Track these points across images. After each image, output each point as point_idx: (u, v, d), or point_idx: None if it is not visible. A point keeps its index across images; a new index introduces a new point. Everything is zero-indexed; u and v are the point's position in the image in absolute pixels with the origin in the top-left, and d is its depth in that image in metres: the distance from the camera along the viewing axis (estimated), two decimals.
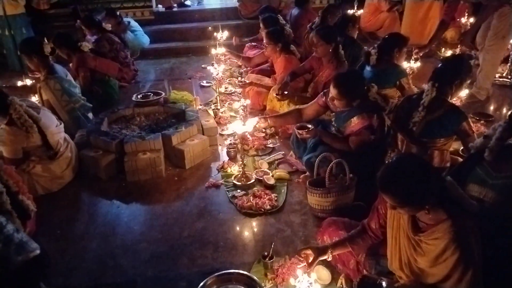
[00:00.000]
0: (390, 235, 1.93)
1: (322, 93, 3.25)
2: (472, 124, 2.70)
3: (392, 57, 3.62)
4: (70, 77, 4.20)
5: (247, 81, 4.68)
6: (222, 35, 5.73)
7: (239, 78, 5.39)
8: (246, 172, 3.26)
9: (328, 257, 2.10)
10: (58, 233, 2.79)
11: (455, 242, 1.63)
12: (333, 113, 3.18)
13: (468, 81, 2.73)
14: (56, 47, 4.19)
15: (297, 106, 3.60)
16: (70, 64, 4.88)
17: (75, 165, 3.42)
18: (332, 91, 2.89)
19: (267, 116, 3.57)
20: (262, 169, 3.38)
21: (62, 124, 3.39)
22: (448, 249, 1.65)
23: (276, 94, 3.92)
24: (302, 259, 2.12)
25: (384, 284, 1.84)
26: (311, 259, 2.08)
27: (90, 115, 4.25)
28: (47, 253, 2.13)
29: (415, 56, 4.38)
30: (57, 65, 4.10)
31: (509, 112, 1.98)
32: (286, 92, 3.95)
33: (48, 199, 3.15)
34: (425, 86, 2.68)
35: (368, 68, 3.68)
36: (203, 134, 3.77)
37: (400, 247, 1.87)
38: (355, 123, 2.88)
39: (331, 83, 2.90)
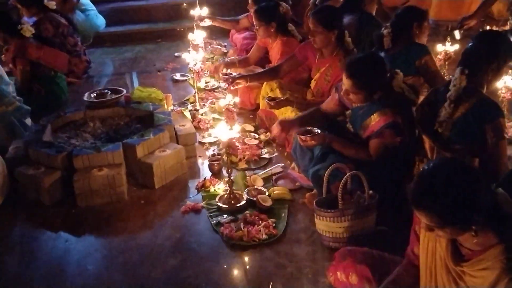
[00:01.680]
0: (424, 265, 1.93)
1: (334, 88, 3.26)
2: (506, 125, 2.67)
3: (411, 35, 3.67)
4: (1, 71, 4.18)
5: (234, 73, 4.70)
6: (201, 12, 5.76)
7: (224, 70, 5.43)
8: (234, 191, 3.27)
9: None
10: None
11: (509, 273, 1.63)
12: (349, 112, 3.20)
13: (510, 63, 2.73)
14: None
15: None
16: (3, 55, 4.88)
17: (5, 185, 3.40)
18: (346, 83, 2.90)
19: (285, 120, 3.45)
20: (255, 187, 3.39)
21: None
22: (500, 282, 1.65)
23: (268, 101, 3.87)
24: None
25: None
26: None
27: (28, 121, 4.25)
28: None
29: (462, 32, 4.37)
30: None
31: None
32: (281, 99, 3.88)
33: None
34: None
35: (381, 55, 3.71)
36: (177, 143, 3.78)
37: (436, 281, 1.88)
38: (376, 120, 2.88)
39: (344, 73, 2.91)
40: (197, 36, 5.28)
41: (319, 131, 3.04)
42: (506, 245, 1.67)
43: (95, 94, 4.20)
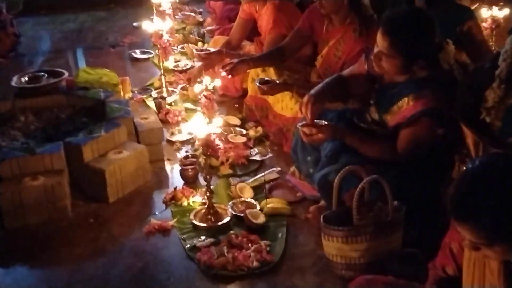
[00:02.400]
0: None
1: (363, 55, 3.26)
2: None
3: None
4: None
5: (213, 49, 4.71)
6: None
7: (200, 44, 5.43)
8: (215, 205, 3.28)
9: None
10: None
11: None
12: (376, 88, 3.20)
13: None
14: None
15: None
16: None
17: None
18: (381, 43, 2.89)
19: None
20: (243, 199, 3.40)
21: None
22: None
23: (260, 84, 3.88)
24: None
25: None
26: None
27: None
28: None
29: None
30: None
31: None
32: (277, 82, 3.93)
33: None
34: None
35: None
36: (138, 142, 3.80)
37: None
38: (410, 105, 2.88)
39: (380, 29, 2.92)
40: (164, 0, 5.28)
41: (325, 122, 3.05)
42: None
43: (26, 78, 4.21)
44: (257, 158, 3.84)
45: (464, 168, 1.81)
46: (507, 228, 1.68)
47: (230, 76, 4.15)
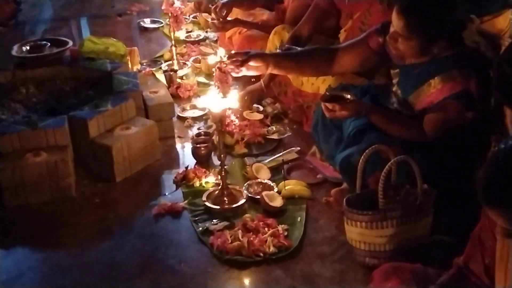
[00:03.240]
0: (502, 283, 1.95)
1: (379, 25, 3.25)
2: None
3: None
4: None
5: (229, 18, 4.70)
6: None
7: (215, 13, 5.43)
8: (229, 186, 3.29)
9: None
10: None
11: None
12: (396, 70, 3.19)
13: None
14: None
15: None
16: None
17: None
18: (396, 23, 2.88)
19: (264, 53, 3.52)
20: (259, 181, 3.41)
21: None
22: None
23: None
24: None
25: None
26: None
27: None
28: None
29: None
30: None
31: None
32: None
33: None
34: None
35: None
36: (147, 117, 3.81)
37: None
38: (437, 88, 2.89)
39: (396, 8, 2.90)
40: None
41: (352, 96, 3.04)
42: None
43: (28, 48, 4.22)
44: (275, 136, 3.85)
45: (497, 148, 1.80)
46: None
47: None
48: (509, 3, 3.65)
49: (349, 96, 3.05)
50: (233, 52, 3.43)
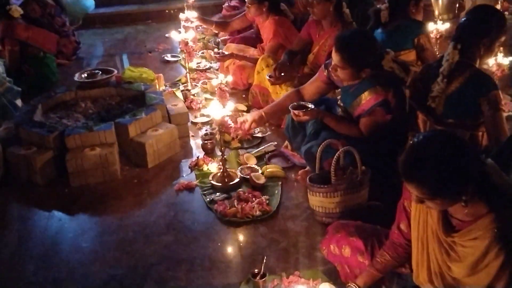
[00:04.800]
0: (416, 238, 1.95)
1: (323, 65, 3.27)
2: (502, 98, 2.62)
3: (408, 12, 3.68)
4: None
5: (226, 53, 4.69)
6: None
7: (216, 50, 5.42)
8: (228, 169, 3.29)
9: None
10: None
11: (499, 241, 1.66)
12: (339, 90, 3.21)
13: (502, 40, 2.73)
14: None
15: (294, 89, 3.54)
16: None
17: None
18: (334, 58, 2.91)
19: (259, 113, 3.40)
20: (248, 165, 3.41)
21: None
22: (490, 251, 1.68)
23: (269, 76, 3.90)
24: None
25: None
26: None
27: (19, 102, 4.23)
28: None
29: None
30: None
31: None
32: (282, 74, 3.91)
33: None
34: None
35: (378, 30, 3.72)
36: (169, 123, 3.79)
37: (428, 253, 1.90)
38: (367, 99, 2.91)
39: (334, 48, 2.91)
40: (188, 16, 5.23)
41: (312, 106, 3.04)
42: (496, 214, 1.69)
43: (85, 75, 4.20)
44: (259, 135, 3.83)
45: (412, 141, 1.81)
46: (444, 185, 1.68)
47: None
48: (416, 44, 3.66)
49: (310, 106, 3.06)
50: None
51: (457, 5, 5.73)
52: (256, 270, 2.37)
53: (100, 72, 4.20)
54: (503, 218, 1.68)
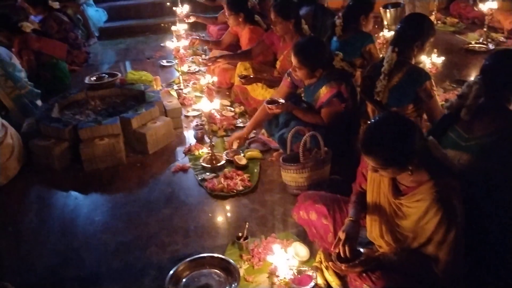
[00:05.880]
0: (370, 201, 1.98)
1: (286, 74, 3.27)
2: (434, 86, 2.70)
3: (359, 25, 3.67)
4: (15, 60, 4.10)
5: (211, 57, 4.64)
6: (182, 9, 5.65)
7: (203, 56, 5.37)
8: (215, 153, 3.27)
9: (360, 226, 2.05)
10: (10, 230, 2.73)
11: (438, 202, 1.69)
12: (302, 89, 3.21)
13: (432, 40, 2.77)
14: None
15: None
16: (13, 49, 4.73)
17: (21, 155, 3.34)
18: (293, 60, 2.95)
19: (241, 133, 3.36)
20: (232, 150, 3.38)
21: None
22: (430, 210, 1.71)
23: (240, 78, 3.89)
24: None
25: (363, 252, 1.89)
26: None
27: (39, 102, 4.16)
28: None
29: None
30: (0, 47, 3.97)
31: (482, 66, 2.02)
32: (251, 76, 3.91)
33: None
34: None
35: (334, 39, 3.72)
36: (166, 116, 3.74)
37: (380, 213, 1.93)
38: (324, 93, 2.92)
39: (292, 52, 2.94)
40: (180, 28, 5.17)
41: (283, 101, 3.04)
42: (435, 181, 1.73)
43: (94, 78, 4.12)
44: (241, 125, 3.79)
45: (368, 122, 1.83)
46: (395, 157, 1.71)
47: (211, 65, 4.30)
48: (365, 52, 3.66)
49: (281, 101, 3.05)
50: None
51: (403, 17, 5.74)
52: (240, 234, 2.39)
53: (107, 76, 4.12)
54: (441, 184, 1.72)
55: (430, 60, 3.76)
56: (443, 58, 3.92)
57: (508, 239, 1.87)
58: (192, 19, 5.55)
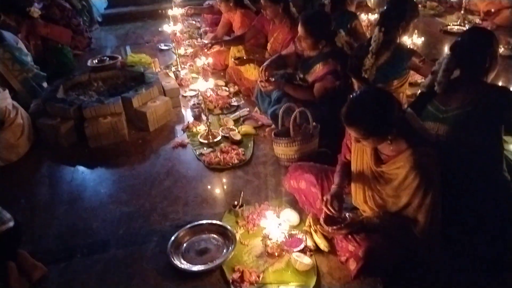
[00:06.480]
0: (354, 170, 2.00)
1: (292, 42, 3.25)
2: (420, 56, 2.71)
3: (345, 5, 3.67)
4: (21, 44, 4.04)
5: (207, 42, 4.59)
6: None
7: (199, 39, 5.30)
8: (212, 130, 3.26)
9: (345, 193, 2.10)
10: (23, 203, 2.73)
11: (415, 169, 1.72)
12: (300, 62, 3.18)
13: (415, 21, 2.78)
14: (2, 14, 3.96)
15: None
16: (19, 34, 4.65)
17: (30, 133, 3.31)
18: (300, 30, 2.90)
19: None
20: (228, 126, 3.39)
21: (6, 90, 3.23)
22: (408, 176, 1.74)
23: (234, 59, 3.86)
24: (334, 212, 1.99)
25: (348, 216, 1.92)
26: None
27: (45, 85, 4.10)
28: (19, 221, 2.11)
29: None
30: (6, 32, 3.90)
31: (451, 45, 2.04)
32: (244, 58, 3.88)
33: (8, 170, 3.06)
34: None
35: None
36: (165, 96, 3.71)
37: (364, 181, 1.95)
38: (320, 68, 2.90)
39: (299, 21, 2.90)
40: (176, 12, 5.08)
41: (273, 78, 3.02)
42: (413, 149, 1.75)
43: (96, 61, 4.08)
44: (235, 103, 3.79)
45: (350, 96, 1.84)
46: (374, 128, 1.73)
47: (207, 51, 4.13)
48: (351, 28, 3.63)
49: (272, 79, 3.04)
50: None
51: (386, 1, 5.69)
52: (235, 202, 2.41)
53: (108, 58, 4.08)
54: (418, 152, 1.75)
55: (411, 41, 3.75)
56: (422, 38, 3.90)
57: (480, 201, 1.91)
58: (191, 12, 5.40)
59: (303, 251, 2.08)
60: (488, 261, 1.93)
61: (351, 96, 1.79)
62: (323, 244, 2.09)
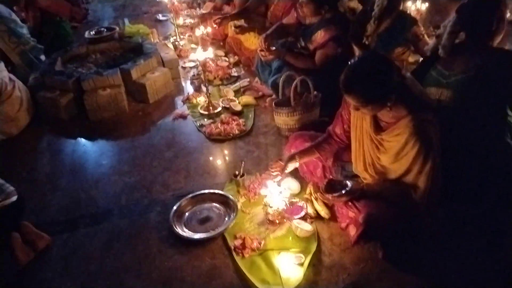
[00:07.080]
0: (354, 138, 2.00)
1: (293, 9, 3.19)
2: (422, 28, 2.70)
3: None
4: (15, 16, 3.97)
5: (205, 12, 4.52)
6: None
7: (197, 9, 5.22)
8: (212, 101, 3.25)
9: (296, 163, 2.19)
10: (25, 175, 2.76)
11: (415, 135, 1.71)
12: (302, 29, 3.13)
13: None
14: None
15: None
16: (14, 7, 4.58)
17: (30, 106, 3.31)
18: None
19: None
20: (228, 97, 3.37)
21: (2, 63, 3.20)
22: (408, 143, 1.73)
23: (235, 27, 3.81)
24: (274, 170, 2.20)
25: (349, 184, 1.94)
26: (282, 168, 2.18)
27: (43, 57, 4.07)
28: (21, 194, 2.13)
29: None
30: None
31: (457, 7, 2.00)
32: (245, 26, 3.84)
33: (9, 143, 3.09)
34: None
35: None
36: (164, 67, 3.69)
37: (363, 149, 1.95)
38: (322, 35, 2.86)
39: None
40: None
41: (273, 48, 2.99)
42: (413, 115, 1.74)
43: (93, 32, 4.04)
44: (235, 74, 3.77)
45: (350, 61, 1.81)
46: (373, 94, 1.71)
47: (216, 27, 4.02)
48: None
49: (273, 48, 3.00)
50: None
51: None
52: (237, 172, 2.43)
53: (105, 30, 4.04)
54: (418, 118, 1.73)
55: (415, 6, 3.67)
56: (427, 4, 3.81)
57: (482, 167, 1.92)
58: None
59: (303, 218, 2.11)
60: (487, 227, 1.95)
61: (350, 63, 1.77)
62: (323, 212, 2.12)
